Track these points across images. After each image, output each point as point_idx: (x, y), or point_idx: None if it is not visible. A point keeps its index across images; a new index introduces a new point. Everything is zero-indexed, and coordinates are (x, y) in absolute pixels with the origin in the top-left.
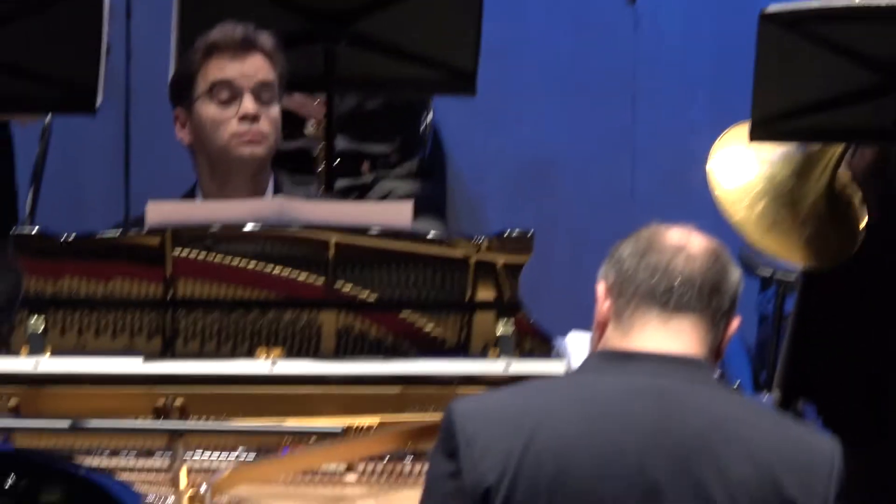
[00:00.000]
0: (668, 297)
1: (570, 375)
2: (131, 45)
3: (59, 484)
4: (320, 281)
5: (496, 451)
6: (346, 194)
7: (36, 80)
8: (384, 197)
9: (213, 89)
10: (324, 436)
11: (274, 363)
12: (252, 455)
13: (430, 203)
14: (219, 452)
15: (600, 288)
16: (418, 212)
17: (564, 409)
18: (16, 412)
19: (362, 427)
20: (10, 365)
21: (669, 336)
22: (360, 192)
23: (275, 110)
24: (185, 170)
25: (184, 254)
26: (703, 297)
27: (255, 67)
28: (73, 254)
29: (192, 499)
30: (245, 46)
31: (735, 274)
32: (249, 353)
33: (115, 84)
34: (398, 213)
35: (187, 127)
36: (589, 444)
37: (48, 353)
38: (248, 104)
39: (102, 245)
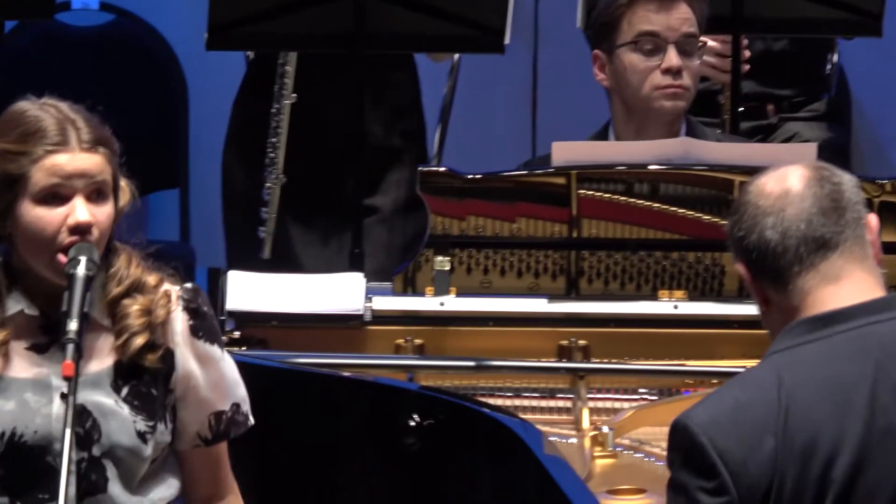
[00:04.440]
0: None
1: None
2: None
3: (462, 422)
4: (724, 222)
5: (758, 456)
6: (750, 136)
7: (447, 19)
8: (789, 139)
9: (637, 40)
10: (725, 377)
11: (676, 304)
12: (653, 396)
13: (835, 145)
14: (620, 393)
15: None
16: (823, 154)
17: (801, 386)
18: (420, 351)
19: None
20: (415, 304)
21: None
22: (764, 135)
23: (696, 62)
24: (592, 109)
25: (589, 194)
26: None
27: (680, 19)
28: (480, 193)
29: (593, 439)
30: None
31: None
32: (652, 295)
33: (523, 22)
34: (802, 154)
35: (606, 71)
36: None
37: (453, 293)
38: (672, 58)
39: (508, 184)
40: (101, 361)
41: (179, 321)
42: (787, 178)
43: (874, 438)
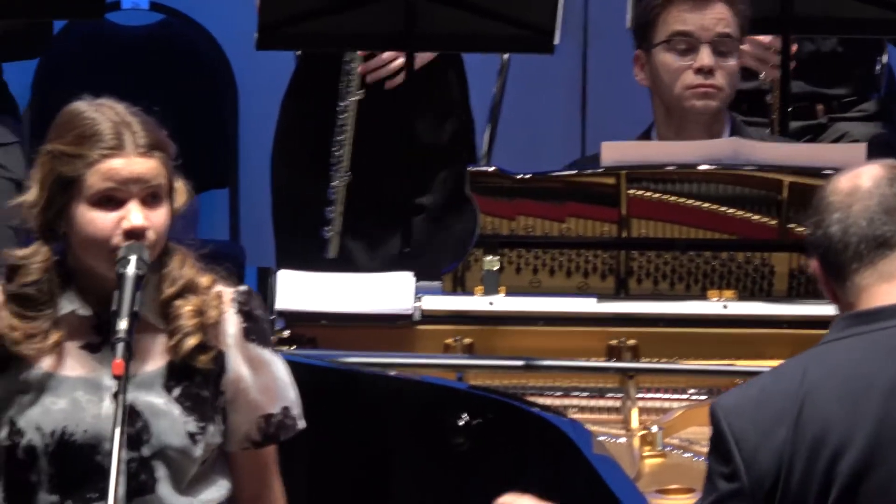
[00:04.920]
0: None
1: (824, 344)
2: None
3: (511, 422)
4: (773, 222)
5: (769, 446)
6: (799, 136)
7: (497, 19)
8: (838, 139)
9: (671, 39)
10: None
11: (725, 305)
12: (703, 396)
13: (885, 145)
14: (669, 393)
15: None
16: (872, 154)
17: (823, 379)
18: (469, 350)
19: None
20: (465, 303)
21: None
22: (813, 135)
23: (732, 62)
24: (641, 109)
25: (638, 194)
26: None
27: (715, 19)
28: (529, 192)
29: (642, 439)
30: None
31: None
32: (701, 294)
33: (573, 22)
34: (852, 154)
35: (646, 70)
36: (847, 407)
37: (503, 292)
38: (704, 57)
39: (558, 184)
40: (154, 362)
41: (232, 324)
42: (859, 176)
43: (887, 436)
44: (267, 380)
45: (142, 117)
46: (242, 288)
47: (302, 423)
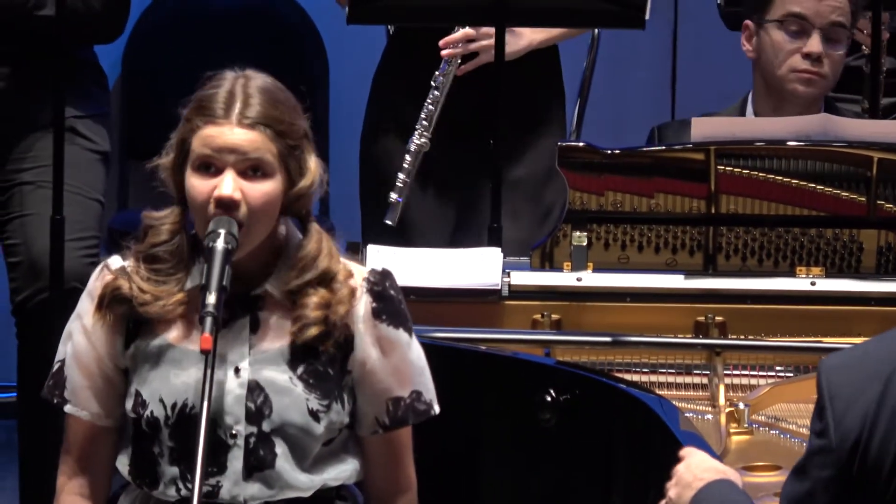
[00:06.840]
0: None
1: None
2: None
3: (598, 398)
4: (862, 199)
5: (858, 404)
6: (889, 112)
7: None
8: None
9: (784, 19)
10: None
11: (813, 281)
12: (790, 373)
13: None
14: (757, 370)
15: None
16: None
17: None
18: (557, 326)
19: None
20: (553, 279)
21: None
22: None
23: (840, 51)
24: (730, 85)
25: (728, 169)
26: None
27: (831, 7)
28: (618, 168)
29: (729, 416)
30: None
31: None
32: (789, 271)
33: None
34: None
35: (752, 43)
36: None
37: (590, 268)
38: (815, 43)
39: (647, 159)
40: (280, 339)
41: (362, 304)
42: None
43: None
44: (397, 362)
45: (268, 91)
46: (378, 268)
47: (435, 410)
